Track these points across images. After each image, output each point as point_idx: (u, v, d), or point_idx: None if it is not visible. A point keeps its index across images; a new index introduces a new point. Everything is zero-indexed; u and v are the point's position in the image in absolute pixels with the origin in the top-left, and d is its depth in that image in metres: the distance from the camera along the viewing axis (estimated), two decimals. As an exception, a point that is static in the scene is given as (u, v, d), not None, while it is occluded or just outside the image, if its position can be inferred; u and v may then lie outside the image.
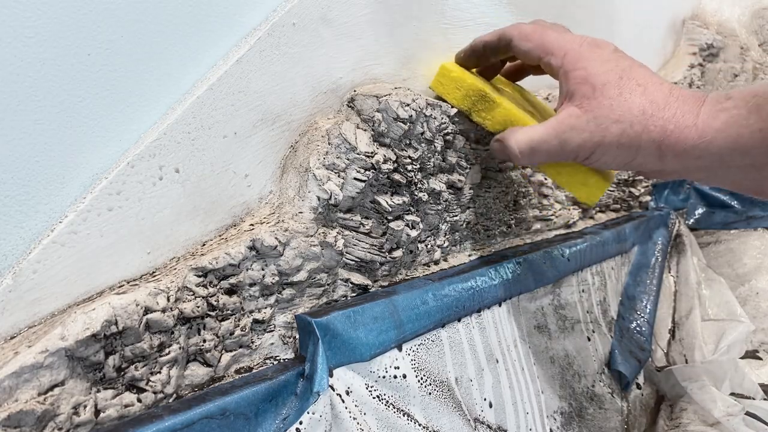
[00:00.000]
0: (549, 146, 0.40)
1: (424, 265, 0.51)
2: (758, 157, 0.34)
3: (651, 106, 0.37)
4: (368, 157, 0.41)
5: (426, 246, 0.50)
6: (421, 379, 0.43)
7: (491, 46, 0.46)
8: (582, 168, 0.44)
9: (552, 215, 0.69)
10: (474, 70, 0.50)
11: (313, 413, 0.34)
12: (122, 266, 0.33)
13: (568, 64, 0.40)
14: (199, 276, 0.34)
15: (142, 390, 0.30)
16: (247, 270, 0.36)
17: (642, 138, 0.38)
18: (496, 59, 0.47)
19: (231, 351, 0.36)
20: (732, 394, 0.75)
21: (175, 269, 0.34)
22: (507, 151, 0.43)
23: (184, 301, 0.33)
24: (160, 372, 0.31)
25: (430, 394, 0.43)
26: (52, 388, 0.27)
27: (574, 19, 0.70)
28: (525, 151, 0.42)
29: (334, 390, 0.36)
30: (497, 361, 0.51)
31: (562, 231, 0.72)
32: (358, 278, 0.43)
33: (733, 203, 1.04)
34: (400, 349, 0.42)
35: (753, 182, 0.37)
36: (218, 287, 0.35)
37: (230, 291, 0.35)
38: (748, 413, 0.69)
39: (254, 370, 0.36)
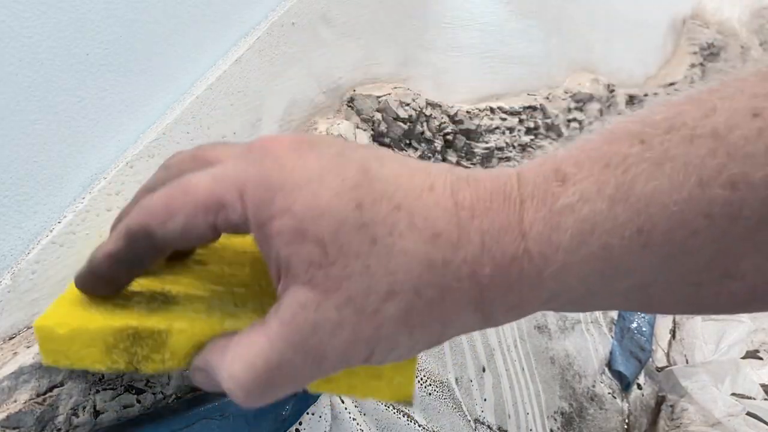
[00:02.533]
0: (292, 369, 0.20)
1: (424, 265, 0.51)
2: (642, 275, 0.19)
3: (437, 247, 0.19)
4: (368, 157, 0.41)
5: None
6: (421, 379, 0.43)
7: (128, 258, 0.22)
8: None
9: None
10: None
11: (313, 413, 0.34)
12: (121, 266, 0.32)
13: (256, 208, 0.20)
14: (199, 276, 0.34)
15: (141, 391, 0.30)
16: (246, 270, 0.36)
17: (446, 305, 0.20)
18: (153, 262, 0.23)
19: (230, 351, 0.35)
20: (733, 394, 0.75)
21: (174, 269, 0.34)
22: (224, 389, 0.21)
23: (183, 302, 0.33)
24: (159, 372, 0.31)
25: (430, 394, 0.43)
26: (51, 389, 0.27)
27: (573, 20, 0.70)
28: (254, 389, 0.20)
29: (333, 390, 0.36)
30: (497, 362, 0.51)
31: (563, 231, 0.72)
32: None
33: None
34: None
35: (639, 302, 0.21)
36: (218, 287, 0.35)
37: (230, 291, 0.35)
38: (748, 413, 0.69)
39: (254, 371, 0.36)
